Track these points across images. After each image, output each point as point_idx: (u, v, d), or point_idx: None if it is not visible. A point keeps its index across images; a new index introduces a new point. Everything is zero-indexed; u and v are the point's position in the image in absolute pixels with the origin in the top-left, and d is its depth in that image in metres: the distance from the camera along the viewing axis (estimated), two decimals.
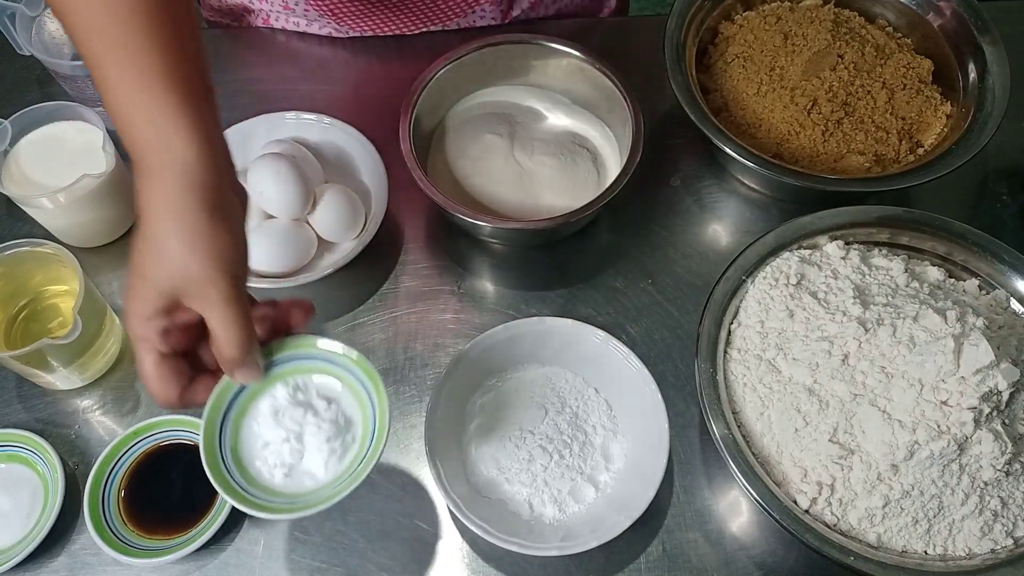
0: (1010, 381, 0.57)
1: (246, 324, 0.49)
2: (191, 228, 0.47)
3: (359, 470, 0.52)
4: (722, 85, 0.80)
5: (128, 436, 0.65)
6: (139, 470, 0.65)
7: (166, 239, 0.47)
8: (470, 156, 0.76)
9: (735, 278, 0.66)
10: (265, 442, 0.54)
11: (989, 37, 0.77)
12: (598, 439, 0.66)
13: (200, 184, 0.47)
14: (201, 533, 0.61)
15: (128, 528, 0.63)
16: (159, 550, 0.61)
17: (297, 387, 0.55)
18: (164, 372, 0.50)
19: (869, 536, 0.59)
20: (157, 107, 0.47)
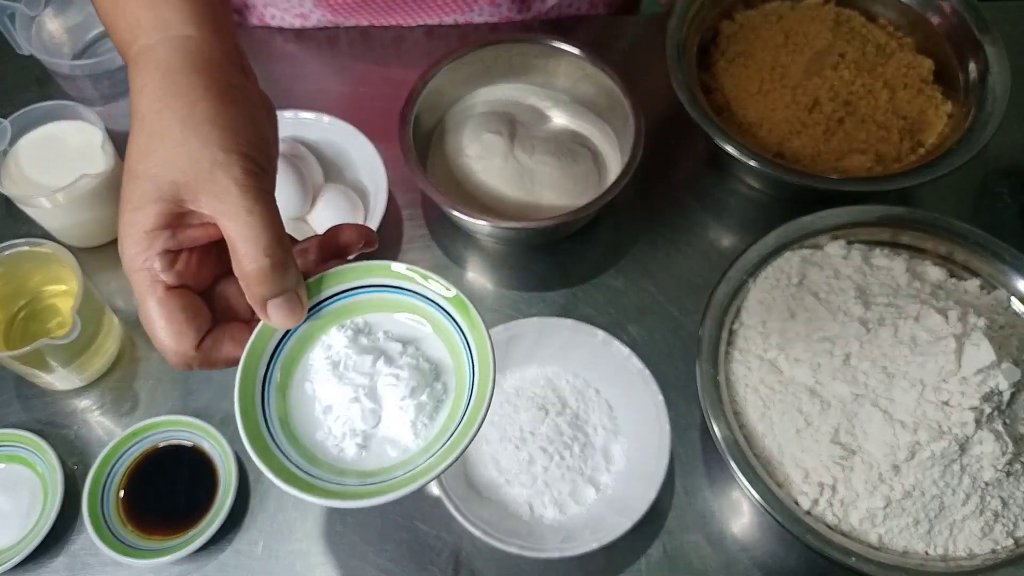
0: (1011, 381, 0.57)
1: (273, 225, 0.37)
2: (192, 106, 0.37)
3: (461, 429, 0.38)
4: (723, 84, 0.80)
5: (127, 436, 0.65)
6: (138, 471, 0.65)
7: (161, 124, 0.37)
8: (470, 155, 0.76)
9: (736, 278, 0.66)
10: (326, 406, 0.41)
11: (989, 37, 0.77)
12: (599, 440, 0.65)
13: (201, 59, 0.39)
14: (200, 534, 0.61)
15: (127, 528, 0.63)
16: (158, 551, 0.61)
17: (358, 329, 0.42)
18: (173, 313, 0.38)
19: (870, 537, 0.59)
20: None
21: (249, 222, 0.36)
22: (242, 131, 0.38)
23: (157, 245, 0.38)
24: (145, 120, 0.38)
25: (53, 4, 0.78)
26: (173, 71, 0.38)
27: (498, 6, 0.85)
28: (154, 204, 0.37)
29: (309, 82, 0.86)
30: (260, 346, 0.40)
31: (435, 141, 0.79)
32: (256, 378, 0.40)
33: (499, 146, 0.75)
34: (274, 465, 0.37)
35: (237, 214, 0.36)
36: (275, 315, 0.39)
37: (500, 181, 0.74)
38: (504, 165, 0.75)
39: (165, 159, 0.37)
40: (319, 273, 0.41)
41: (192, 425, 0.65)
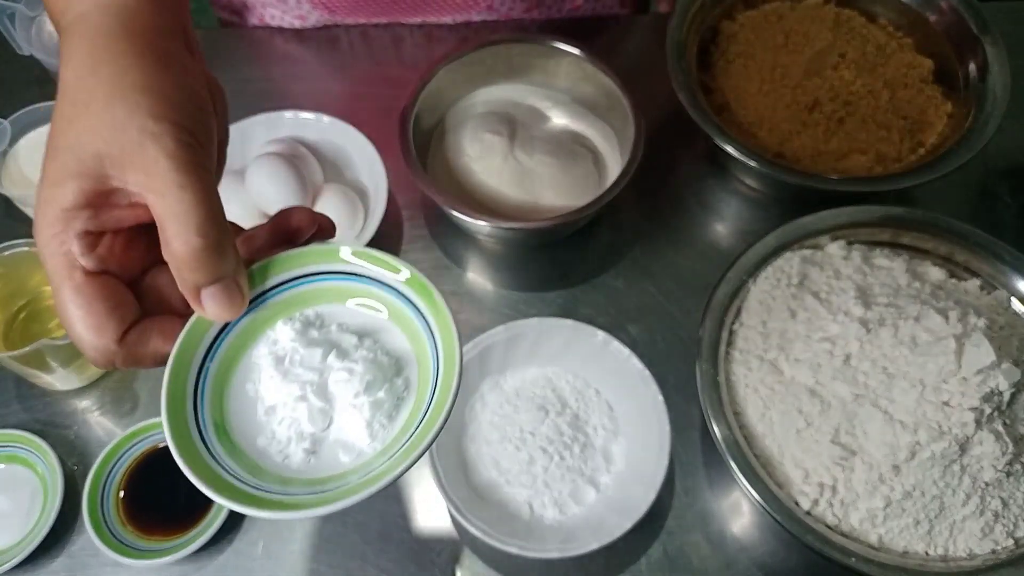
0: (1011, 381, 0.57)
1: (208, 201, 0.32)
2: (122, 72, 0.33)
3: (424, 427, 0.34)
4: (723, 84, 0.80)
5: (127, 437, 0.65)
6: (138, 471, 0.65)
7: (86, 91, 0.33)
8: (470, 155, 0.76)
9: (736, 278, 0.66)
10: (269, 406, 0.37)
11: (989, 37, 0.76)
12: (599, 440, 0.65)
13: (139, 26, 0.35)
14: (200, 535, 0.61)
15: (127, 529, 0.63)
16: (158, 551, 0.61)
17: (308, 322, 0.38)
18: (92, 302, 0.33)
19: (870, 537, 0.59)
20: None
21: (180, 198, 0.32)
22: (176, 99, 0.33)
23: (76, 225, 0.33)
24: (68, 88, 0.33)
25: None
26: (104, 35, 0.34)
27: (496, 10, 0.85)
28: (74, 179, 0.32)
29: (309, 82, 0.86)
30: (193, 342, 0.35)
31: (435, 141, 0.79)
32: (188, 378, 0.35)
33: (499, 146, 0.75)
34: (207, 475, 0.32)
35: (167, 189, 0.32)
36: (210, 305, 0.34)
37: (500, 181, 0.74)
38: (504, 165, 0.75)
39: (87, 128, 0.32)
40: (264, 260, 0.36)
41: None
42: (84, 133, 0.32)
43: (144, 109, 0.32)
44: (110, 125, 0.32)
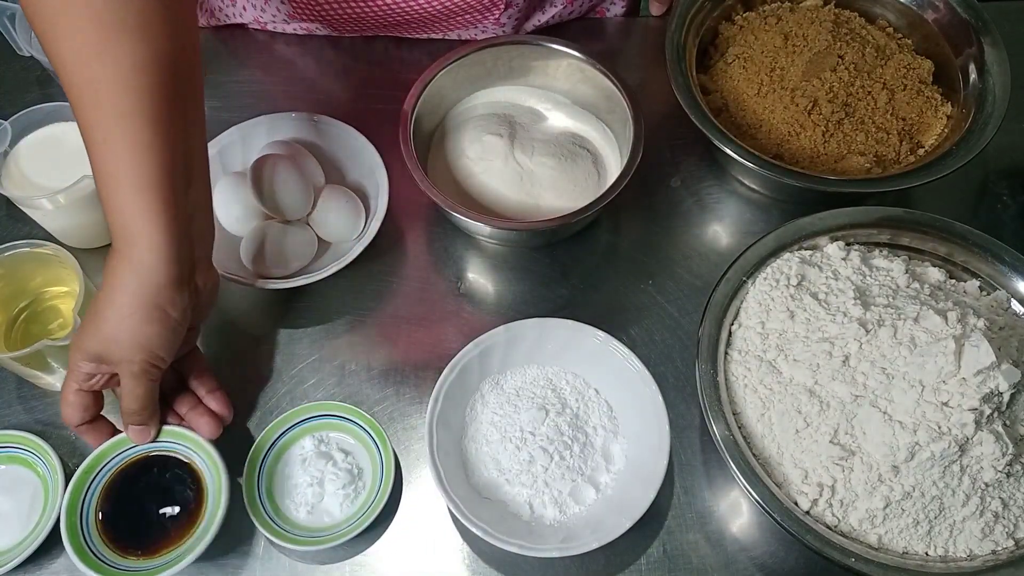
0: (1011, 382, 0.57)
1: (144, 396, 0.59)
2: (126, 317, 0.56)
3: (367, 513, 0.62)
4: (722, 86, 0.80)
5: (108, 448, 0.62)
6: (119, 484, 0.62)
7: (104, 317, 0.56)
8: (470, 156, 0.76)
9: (735, 279, 0.66)
10: (294, 484, 0.65)
11: (989, 37, 0.77)
12: (598, 440, 0.65)
13: (149, 286, 0.55)
14: (186, 553, 0.59)
15: (107, 547, 0.60)
16: (139, 571, 0.59)
17: (321, 440, 0.66)
18: (77, 401, 0.59)
19: (870, 537, 0.59)
20: (133, 204, 0.54)
21: (130, 395, 0.59)
22: (152, 343, 0.57)
23: (86, 368, 0.58)
24: (99, 305, 0.57)
25: None
26: (123, 288, 0.55)
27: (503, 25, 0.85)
28: (85, 350, 0.57)
29: (310, 84, 0.87)
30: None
31: (435, 143, 0.79)
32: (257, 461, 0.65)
33: (499, 148, 0.75)
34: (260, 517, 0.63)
35: (125, 387, 0.59)
36: (130, 434, 0.62)
37: (500, 183, 0.75)
38: (504, 167, 0.75)
39: (97, 335, 0.57)
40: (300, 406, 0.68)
41: (181, 436, 0.63)
42: (96, 334, 0.57)
43: (126, 345, 0.56)
44: (107, 343, 0.57)
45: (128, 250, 0.55)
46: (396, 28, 0.85)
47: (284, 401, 0.70)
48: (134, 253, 0.55)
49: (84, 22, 0.51)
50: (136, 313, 0.56)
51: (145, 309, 0.56)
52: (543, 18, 0.87)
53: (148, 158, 0.53)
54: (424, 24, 0.85)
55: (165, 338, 0.58)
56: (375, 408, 0.69)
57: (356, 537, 0.62)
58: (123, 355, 0.57)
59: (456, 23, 0.84)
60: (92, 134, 0.54)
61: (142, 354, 0.57)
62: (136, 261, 0.55)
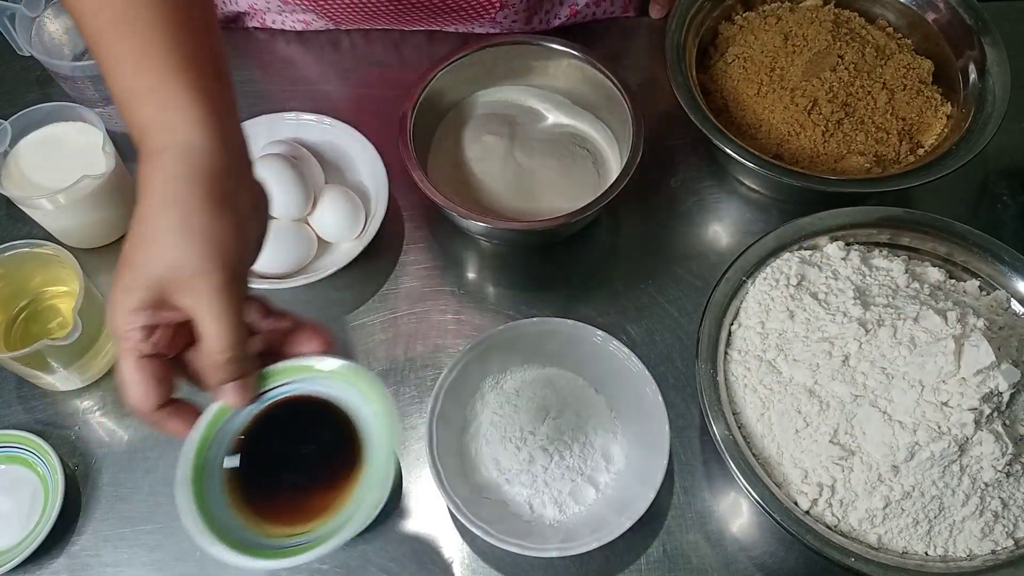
0: (1011, 382, 0.57)
1: (237, 328, 0.43)
2: (187, 216, 0.42)
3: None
4: (722, 86, 0.80)
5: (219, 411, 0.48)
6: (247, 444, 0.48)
7: (159, 226, 0.42)
8: (470, 156, 0.76)
9: (735, 279, 0.66)
10: None
11: (989, 37, 0.77)
12: (598, 440, 0.65)
13: (203, 169, 0.43)
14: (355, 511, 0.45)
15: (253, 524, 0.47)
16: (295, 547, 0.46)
17: None
18: (144, 376, 0.44)
19: (870, 537, 0.59)
20: (162, 87, 0.44)
21: (218, 324, 0.43)
22: (227, 244, 0.43)
23: (139, 320, 0.43)
24: (144, 219, 0.43)
25: (53, 5, 0.78)
26: (173, 180, 0.43)
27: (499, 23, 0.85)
28: (141, 290, 0.43)
29: (310, 84, 0.86)
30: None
31: (435, 143, 0.79)
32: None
33: (499, 148, 0.75)
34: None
35: (207, 317, 0.43)
36: (226, 396, 0.46)
37: (500, 182, 0.75)
38: (504, 166, 0.75)
39: (156, 258, 0.42)
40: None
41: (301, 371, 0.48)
42: (152, 261, 0.42)
43: (199, 253, 0.42)
44: (173, 261, 0.42)
45: (169, 137, 0.44)
46: (393, 18, 0.85)
47: None
48: (177, 138, 0.44)
49: None
50: (198, 209, 0.42)
51: (209, 199, 0.43)
52: (562, 13, 0.87)
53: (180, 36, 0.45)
54: (420, 17, 0.84)
55: (241, 239, 0.44)
56: None
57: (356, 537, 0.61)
58: (194, 269, 0.42)
59: (452, 19, 0.84)
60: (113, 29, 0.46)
61: (219, 259, 0.42)
62: (182, 146, 0.43)
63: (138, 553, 0.64)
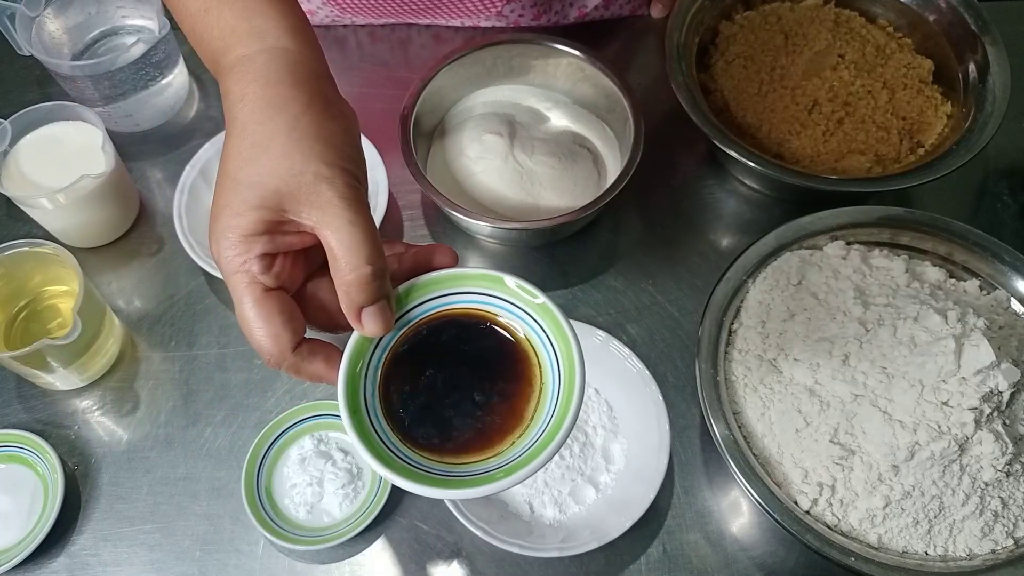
0: (1011, 381, 0.57)
1: (373, 236, 0.38)
2: (296, 120, 0.38)
3: (366, 513, 0.62)
4: (723, 85, 0.80)
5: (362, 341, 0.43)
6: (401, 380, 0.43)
7: (264, 134, 0.38)
8: (470, 156, 0.76)
9: (736, 278, 0.66)
10: (293, 484, 0.64)
11: (989, 37, 0.77)
12: (598, 440, 0.65)
13: (301, 72, 0.40)
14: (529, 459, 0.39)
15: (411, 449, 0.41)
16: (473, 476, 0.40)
17: (320, 439, 0.66)
18: (272, 315, 0.38)
19: (870, 537, 0.59)
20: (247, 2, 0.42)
21: (353, 233, 0.38)
22: (343, 146, 0.39)
23: (256, 248, 0.38)
24: (247, 129, 0.39)
25: (53, 5, 0.78)
26: (275, 83, 0.39)
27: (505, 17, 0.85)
28: (255, 211, 0.38)
29: None
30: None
31: (435, 142, 0.79)
32: (256, 461, 0.62)
33: (499, 147, 0.75)
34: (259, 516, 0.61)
35: (341, 226, 0.38)
36: (368, 322, 0.40)
37: (500, 182, 0.75)
38: (504, 166, 0.75)
39: (269, 169, 0.38)
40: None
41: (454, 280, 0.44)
42: (265, 174, 0.37)
43: (318, 156, 0.38)
44: (288, 169, 0.37)
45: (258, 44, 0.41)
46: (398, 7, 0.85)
47: (284, 401, 0.69)
48: (267, 45, 0.41)
49: None
50: (308, 111, 0.39)
51: (317, 101, 0.40)
52: (571, 15, 0.87)
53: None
54: (425, 7, 0.84)
55: (354, 143, 0.41)
56: None
57: (356, 537, 0.62)
58: (316, 175, 0.38)
59: (458, 10, 0.84)
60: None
61: (339, 163, 0.39)
62: (275, 51, 0.40)
63: (138, 552, 0.64)
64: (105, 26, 0.82)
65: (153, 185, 0.80)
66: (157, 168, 0.81)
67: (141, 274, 0.75)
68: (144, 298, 0.74)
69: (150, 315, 0.73)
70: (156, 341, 0.72)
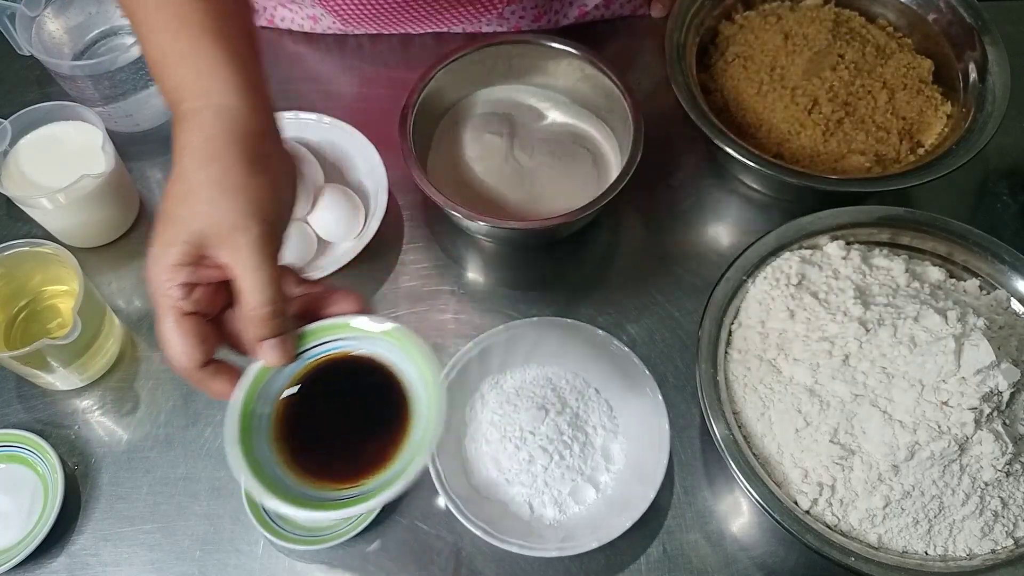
0: (1011, 381, 0.57)
1: (275, 282, 0.44)
2: (225, 172, 0.44)
3: (366, 513, 0.58)
4: (722, 85, 0.80)
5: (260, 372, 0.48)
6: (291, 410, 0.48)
7: (197, 181, 0.44)
8: (470, 156, 0.76)
9: (735, 278, 0.66)
10: None
11: (989, 37, 0.77)
12: (598, 440, 0.65)
13: (238, 129, 0.45)
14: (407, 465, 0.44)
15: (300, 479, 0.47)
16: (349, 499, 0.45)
17: None
18: (186, 333, 0.44)
19: (870, 537, 0.59)
20: (198, 53, 0.46)
21: (257, 277, 0.44)
22: (264, 201, 0.45)
23: (180, 277, 0.44)
24: (184, 175, 0.45)
25: (53, 4, 0.78)
26: (213, 137, 0.45)
27: (506, 19, 0.85)
28: (182, 245, 0.44)
29: (310, 83, 0.86)
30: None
31: (435, 142, 0.79)
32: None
33: (499, 147, 0.75)
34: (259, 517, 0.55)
35: (247, 270, 0.44)
36: (266, 354, 0.46)
37: (500, 182, 0.75)
38: (504, 166, 0.75)
39: (196, 213, 0.44)
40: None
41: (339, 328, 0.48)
42: (193, 215, 0.44)
43: (238, 207, 0.44)
44: (212, 215, 0.44)
45: (204, 100, 0.46)
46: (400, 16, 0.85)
47: None
48: (212, 102, 0.46)
49: None
50: (236, 165, 0.44)
51: (246, 157, 0.45)
52: (571, 14, 0.87)
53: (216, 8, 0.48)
54: (427, 14, 0.84)
55: (276, 197, 0.46)
56: None
57: (356, 537, 0.62)
58: (232, 223, 0.43)
59: (460, 15, 0.84)
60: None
61: (256, 215, 0.44)
62: (217, 108, 0.46)
63: (138, 552, 0.64)
64: (105, 26, 0.82)
65: (153, 185, 0.80)
66: (157, 168, 0.81)
67: (141, 274, 0.75)
68: (144, 298, 0.74)
69: (150, 315, 0.73)
70: (156, 341, 0.72)
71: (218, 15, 0.47)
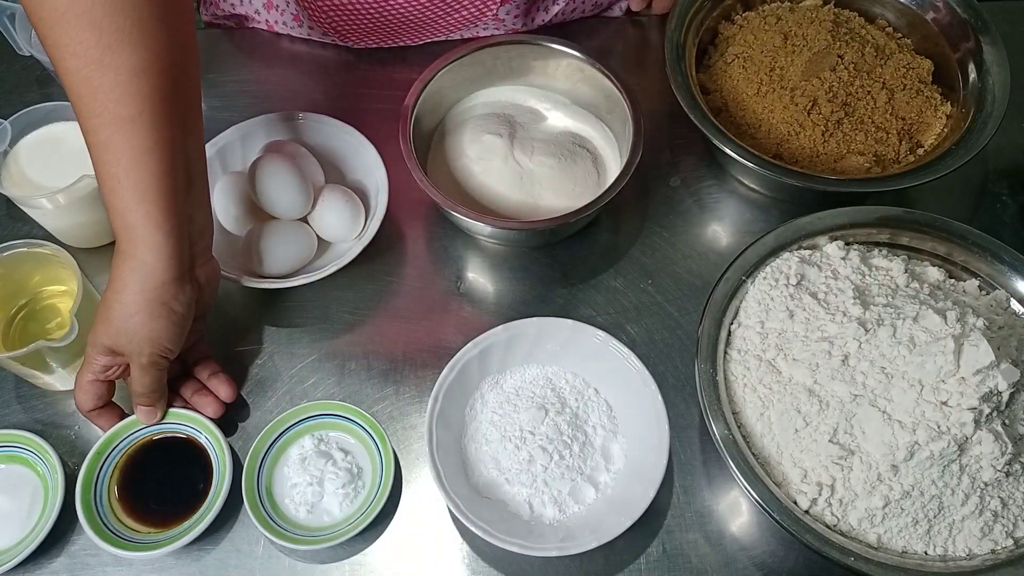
0: (1010, 381, 0.57)
1: (151, 384, 0.63)
2: (133, 315, 0.59)
3: (367, 512, 0.62)
4: (722, 85, 0.80)
5: (120, 429, 0.65)
6: (132, 463, 0.66)
7: (116, 313, 0.59)
8: (470, 156, 0.76)
9: (735, 278, 0.66)
10: (293, 483, 0.65)
11: (989, 37, 0.77)
12: (598, 440, 0.65)
13: (152, 284, 0.58)
14: (196, 524, 0.62)
15: (122, 522, 0.63)
16: (154, 543, 0.61)
17: (321, 439, 0.67)
18: (91, 389, 0.63)
19: (869, 537, 0.59)
20: (133, 207, 0.56)
21: (142, 380, 0.62)
22: (157, 337, 0.60)
23: (101, 360, 0.62)
24: (111, 298, 0.59)
25: None
26: (129, 284, 0.58)
27: (501, 20, 0.85)
28: (103, 344, 0.61)
29: (311, 84, 0.86)
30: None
31: (435, 142, 0.79)
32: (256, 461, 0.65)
33: (499, 147, 0.75)
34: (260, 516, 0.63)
35: (136, 375, 0.62)
36: (137, 413, 0.65)
37: (500, 182, 0.75)
38: (504, 166, 0.75)
39: (110, 332, 0.60)
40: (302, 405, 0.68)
41: (184, 417, 0.66)
42: (109, 330, 0.60)
43: (135, 342, 0.60)
44: (119, 338, 0.60)
45: (131, 250, 0.58)
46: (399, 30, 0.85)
47: (284, 400, 0.70)
48: (137, 253, 0.58)
49: (84, 30, 0.52)
50: (142, 310, 0.59)
51: (150, 306, 0.59)
52: (546, 17, 0.87)
53: (148, 162, 0.56)
54: (425, 26, 0.84)
55: (171, 331, 0.61)
56: (375, 407, 0.69)
57: (356, 536, 0.62)
58: (133, 348, 0.60)
59: (455, 21, 0.84)
60: (94, 139, 0.56)
61: (150, 347, 0.60)
62: (139, 260, 0.58)
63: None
64: None
65: None
66: None
67: None
68: None
69: None
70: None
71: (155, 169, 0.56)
